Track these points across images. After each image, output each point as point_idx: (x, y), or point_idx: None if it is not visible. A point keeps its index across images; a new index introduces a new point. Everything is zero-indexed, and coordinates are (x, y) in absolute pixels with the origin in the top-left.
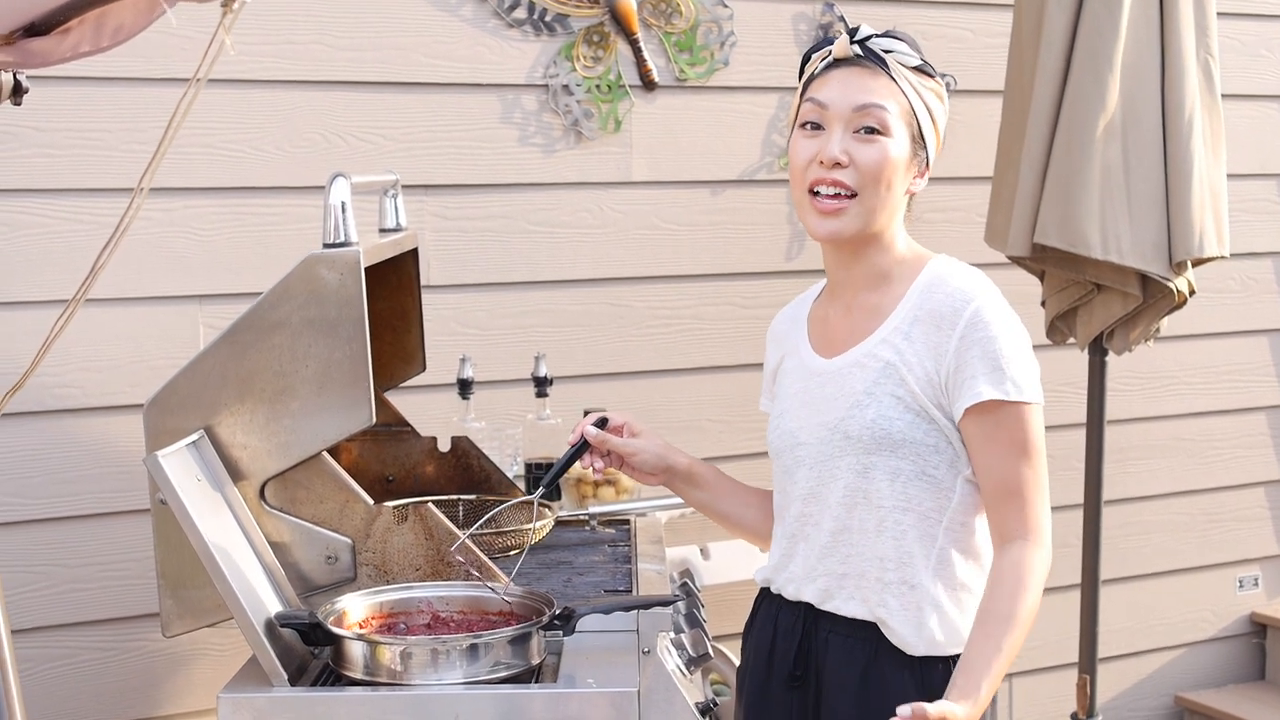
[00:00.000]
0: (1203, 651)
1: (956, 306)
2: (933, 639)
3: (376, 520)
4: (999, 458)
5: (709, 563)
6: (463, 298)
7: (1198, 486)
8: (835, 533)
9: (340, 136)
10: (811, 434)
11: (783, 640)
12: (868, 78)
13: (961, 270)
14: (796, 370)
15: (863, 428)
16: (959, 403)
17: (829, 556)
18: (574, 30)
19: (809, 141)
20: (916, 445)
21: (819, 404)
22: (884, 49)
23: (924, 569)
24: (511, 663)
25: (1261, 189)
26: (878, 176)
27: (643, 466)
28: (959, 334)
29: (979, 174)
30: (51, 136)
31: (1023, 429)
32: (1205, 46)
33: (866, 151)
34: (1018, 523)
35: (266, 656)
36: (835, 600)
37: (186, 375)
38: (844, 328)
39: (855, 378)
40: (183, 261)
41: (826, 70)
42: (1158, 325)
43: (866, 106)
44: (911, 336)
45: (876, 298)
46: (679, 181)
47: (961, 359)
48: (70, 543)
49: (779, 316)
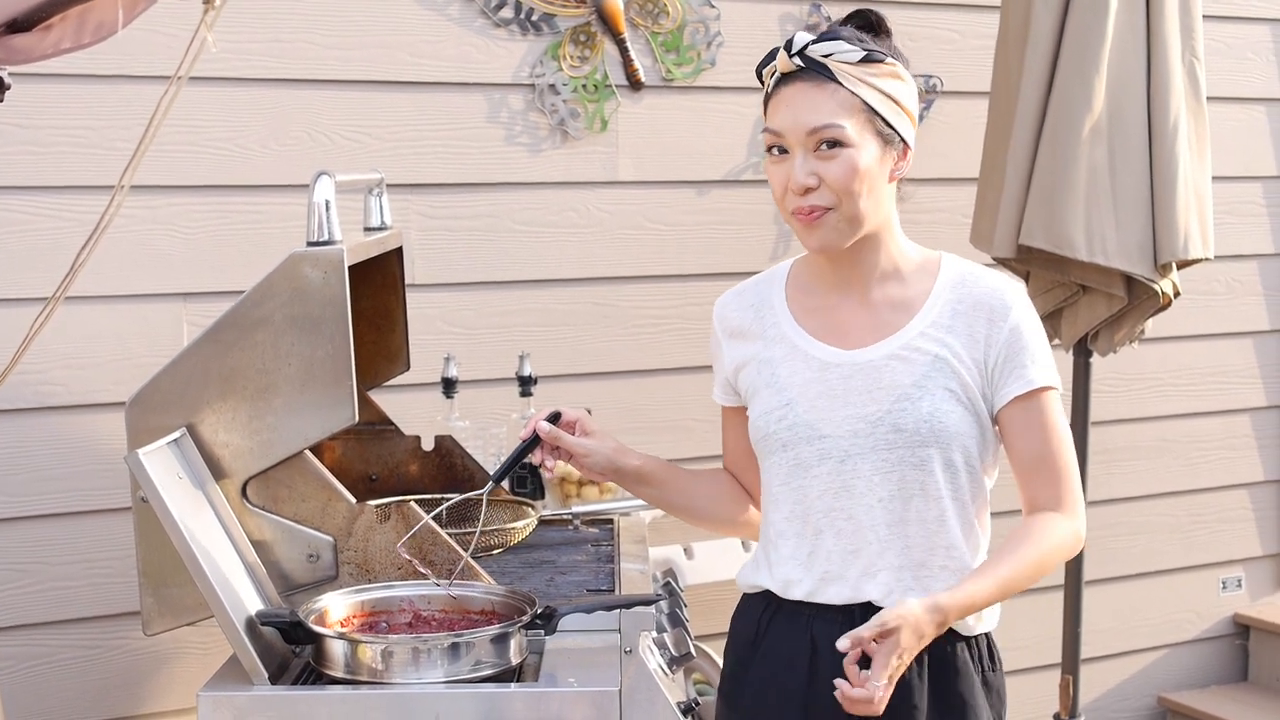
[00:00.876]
0: (1186, 652)
1: (1005, 301)
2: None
3: (359, 519)
4: (1037, 438)
5: (692, 562)
6: (447, 296)
7: (1182, 488)
8: (891, 525)
9: (325, 135)
10: (840, 427)
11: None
12: (814, 92)
13: (984, 268)
14: (794, 360)
15: (918, 421)
16: (1007, 389)
17: (887, 550)
18: (560, 30)
19: (777, 168)
20: (964, 437)
21: (847, 396)
22: (823, 55)
23: (970, 554)
24: (493, 662)
25: (1246, 191)
26: (849, 188)
27: (592, 467)
28: (1010, 326)
29: (965, 175)
30: (34, 133)
31: (1057, 409)
32: (1191, 49)
33: (832, 168)
34: (1052, 497)
35: (247, 655)
36: (896, 594)
37: (169, 373)
38: (862, 321)
39: (897, 371)
40: (167, 259)
41: (777, 88)
42: (1142, 327)
43: (817, 130)
44: (954, 329)
45: (899, 290)
46: (665, 181)
47: (1011, 349)
48: (52, 540)
49: (730, 305)
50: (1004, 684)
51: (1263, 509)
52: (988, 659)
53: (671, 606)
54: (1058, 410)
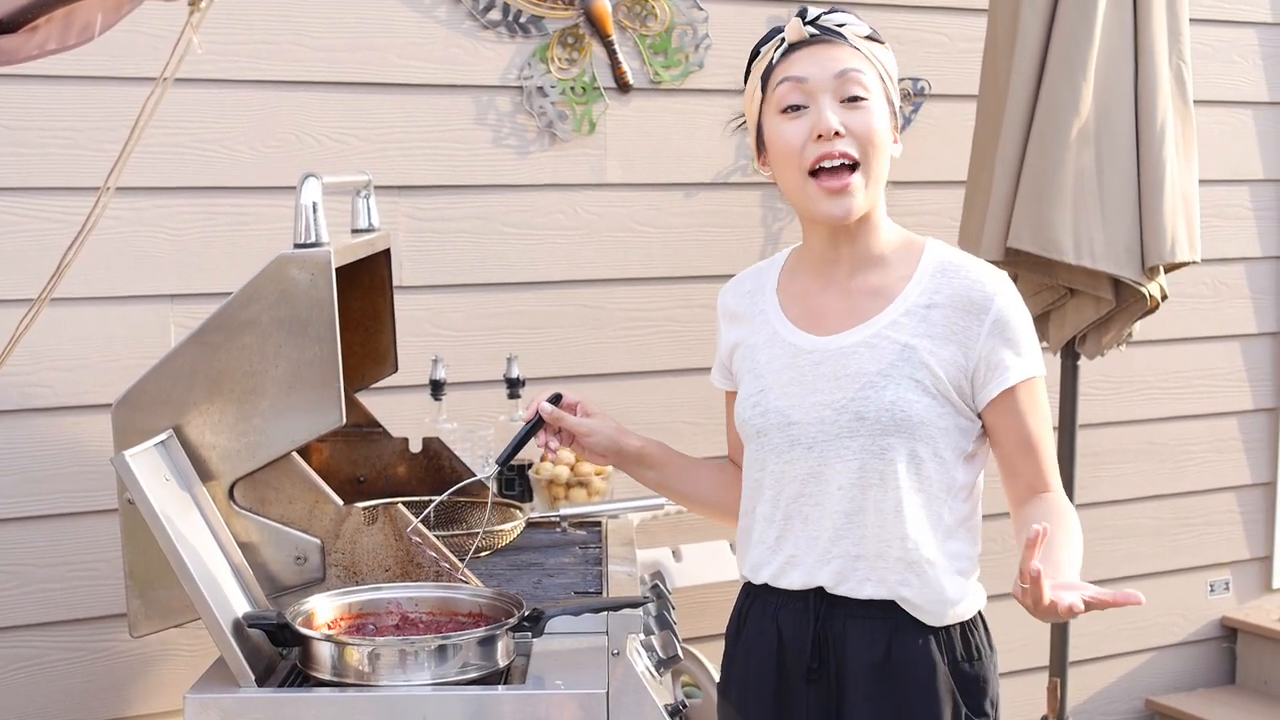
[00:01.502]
0: (1173, 655)
1: (987, 294)
2: (952, 609)
3: (346, 521)
4: (1022, 425)
5: (680, 565)
6: (435, 299)
7: (1169, 491)
8: (849, 514)
9: (313, 136)
10: (808, 413)
11: (793, 636)
12: (833, 49)
13: (969, 256)
14: (772, 346)
15: (880, 409)
16: (992, 385)
17: (843, 538)
18: (549, 32)
19: (797, 123)
20: (930, 428)
21: (816, 383)
22: (837, 24)
23: (935, 545)
24: (480, 664)
25: (1233, 194)
26: (874, 140)
27: (595, 447)
28: (991, 321)
29: (952, 178)
30: (20, 134)
31: (1041, 397)
32: (1178, 53)
33: (858, 118)
34: (1040, 478)
35: (234, 657)
36: (849, 583)
37: (155, 375)
38: (840, 307)
39: (864, 358)
40: (153, 260)
41: (786, 56)
42: (1130, 330)
43: (846, 72)
44: (930, 320)
45: (877, 278)
46: (653, 184)
47: (994, 345)
48: (38, 542)
49: (730, 291)
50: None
51: (1250, 512)
52: (962, 649)
53: (659, 609)
54: (1042, 395)
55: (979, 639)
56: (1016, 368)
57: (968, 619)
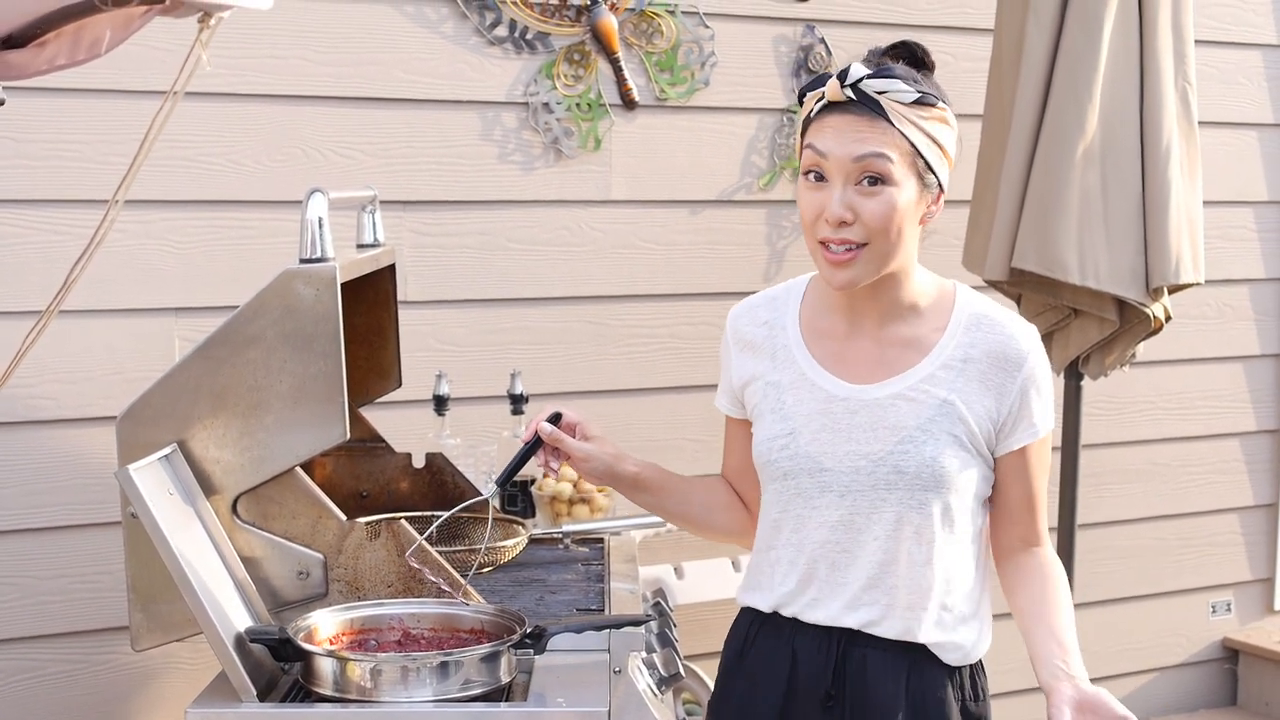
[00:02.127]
0: (1175, 676)
1: (1021, 351)
2: (969, 651)
3: (349, 536)
4: (1031, 480)
5: (682, 582)
6: (440, 314)
7: (1172, 511)
8: (883, 564)
9: (319, 151)
10: (841, 461)
11: (809, 661)
12: (864, 125)
13: (1000, 308)
14: (799, 388)
15: (920, 465)
16: (1017, 437)
17: (875, 587)
18: (555, 48)
19: (814, 194)
20: (963, 481)
21: (851, 432)
22: (877, 90)
23: (959, 592)
24: (482, 681)
25: (1237, 216)
26: (885, 228)
27: (590, 472)
28: (1024, 376)
29: (957, 197)
30: (28, 147)
31: (1049, 451)
32: (1183, 74)
33: (871, 205)
34: (1035, 532)
35: (236, 672)
36: (879, 626)
37: (160, 388)
38: (871, 355)
39: (904, 412)
40: (159, 274)
41: (822, 114)
42: (1133, 351)
43: (864, 158)
44: (966, 374)
45: (909, 329)
46: (658, 201)
47: (1025, 398)
48: (41, 554)
49: (744, 318)
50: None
51: (1252, 533)
52: (969, 689)
53: (661, 626)
54: (1049, 450)
55: (983, 681)
56: (1041, 423)
57: (977, 661)
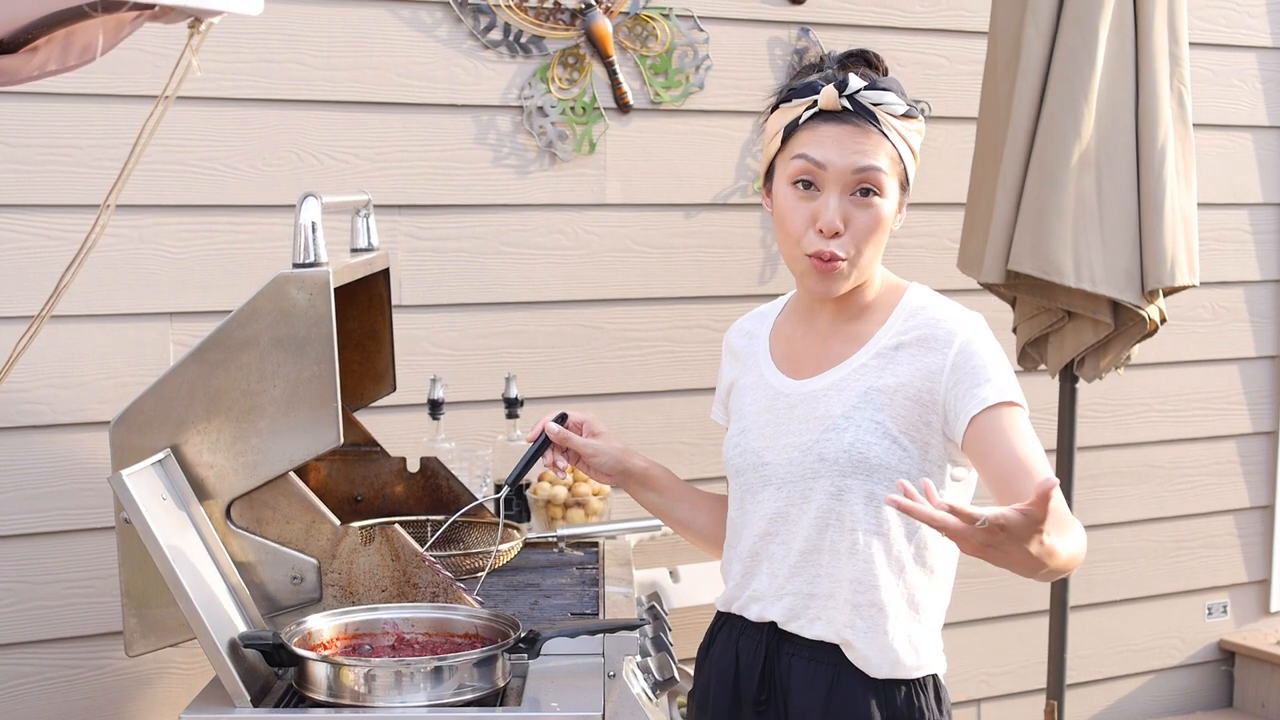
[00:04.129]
0: (1171, 678)
1: (949, 329)
2: (897, 660)
3: (343, 541)
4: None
5: (678, 585)
6: (434, 318)
7: (1167, 513)
8: (805, 553)
9: (314, 155)
10: (779, 454)
11: (746, 664)
12: (860, 136)
13: (942, 299)
14: (757, 389)
15: (839, 451)
16: (963, 412)
17: (797, 576)
18: (549, 52)
19: (805, 204)
20: (890, 470)
21: (788, 425)
22: (873, 102)
23: (890, 590)
24: (476, 685)
25: (1232, 218)
26: (871, 239)
27: (600, 467)
28: (955, 353)
29: (952, 200)
30: (21, 152)
31: (1021, 422)
32: (1179, 76)
33: (863, 216)
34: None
35: (229, 677)
36: (800, 621)
37: (154, 393)
38: (816, 352)
39: (831, 401)
40: (153, 278)
41: (813, 123)
42: (1129, 353)
43: (865, 170)
44: (896, 360)
45: (855, 326)
46: (653, 204)
47: (958, 375)
48: (35, 559)
49: (735, 330)
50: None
51: (1248, 535)
52: (904, 708)
53: (656, 631)
54: (1022, 422)
55: (925, 702)
56: (987, 393)
57: (914, 678)
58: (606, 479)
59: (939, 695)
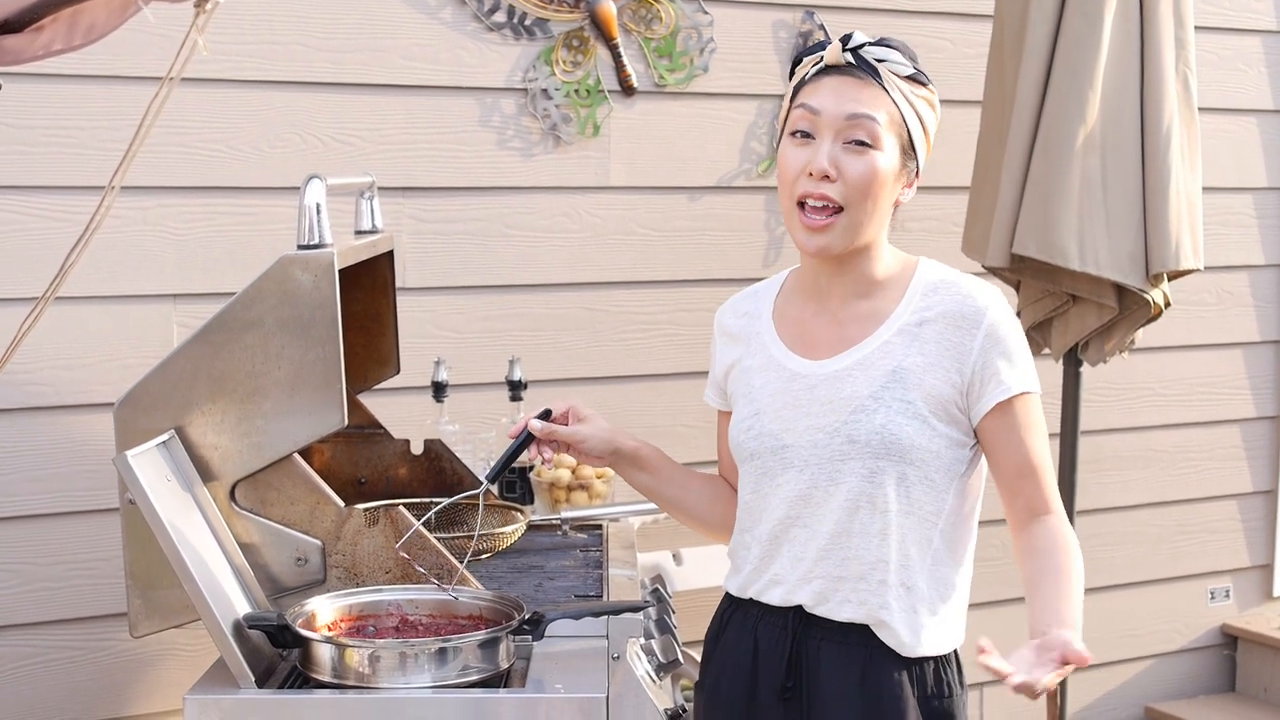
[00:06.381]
0: (1173, 662)
1: (978, 308)
2: (929, 639)
3: (347, 522)
4: (1021, 444)
5: (681, 568)
6: (438, 300)
7: (1171, 498)
8: (834, 535)
9: (317, 137)
10: (801, 436)
11: (768, 651)
12: (859, 87)
13: (960, 273)
14: (767, 370)
15: (870, 433)
16: (988, 398)
17: (825, 559)
18: (554, 34)
19: (799, 151)
20: (921, 451)
21: (809, 406)
22: (876, 58)
23: (920, 571)
24: (480, 667)
25: (1237, 202)
26: (865, 191)
27: (591, 451)
28: (984, 334)
29: (956, 183)
30: (25, 133)
31: (1038, 415)
32: (1184, 60)
33: (855, 164)
34: (1041, 500)
35: (234, 658)
36: (829, 604)
37: (158, 374)
38: (831, 331)
39: (857, 381)
40: (157, 260)
41: (817, 77)
42: (1133, 337)
43: (857, 116)
44: (922, 338)
45: (870, 304)
46: (657, 187)
47: (987, 357)
48: (40, 541)
49: (727, 310)
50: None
51: (1251, 520)
52: (933, 684)
53: (660, 613)
54: (1038, 414)
55: (950, 676)
56: (1012, 380)
57: (942, 654)
58: (598, 461)
59: (959, 668)
